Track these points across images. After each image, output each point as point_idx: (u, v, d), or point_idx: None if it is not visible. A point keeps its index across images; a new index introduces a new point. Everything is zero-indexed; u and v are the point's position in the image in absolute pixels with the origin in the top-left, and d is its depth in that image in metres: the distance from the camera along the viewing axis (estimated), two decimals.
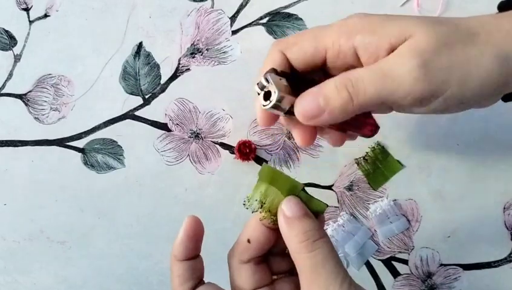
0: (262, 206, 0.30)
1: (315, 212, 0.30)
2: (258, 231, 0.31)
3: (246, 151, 0.45)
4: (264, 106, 0.30)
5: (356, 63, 0.30)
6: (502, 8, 0.34)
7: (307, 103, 0.29)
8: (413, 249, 0.45)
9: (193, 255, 0.31)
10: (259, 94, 0.30)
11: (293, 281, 0.32)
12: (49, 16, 0.47)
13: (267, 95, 0.30)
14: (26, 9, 0.47)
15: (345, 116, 0.29)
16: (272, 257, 0.32)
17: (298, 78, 0.31)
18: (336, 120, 0.30)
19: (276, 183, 0.30)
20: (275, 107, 0.30)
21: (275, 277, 0.33)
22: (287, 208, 0.29)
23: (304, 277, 0.28)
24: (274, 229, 0.30)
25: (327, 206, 0.31)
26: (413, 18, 0.29)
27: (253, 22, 0.46)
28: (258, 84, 0.30)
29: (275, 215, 0.30)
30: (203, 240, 0.31)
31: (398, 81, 0.27)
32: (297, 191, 0.30)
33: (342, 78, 0.29)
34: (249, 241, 0.31)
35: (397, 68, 0.27)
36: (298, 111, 0.30)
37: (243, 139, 0.45)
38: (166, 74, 0.46)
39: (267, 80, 0.29)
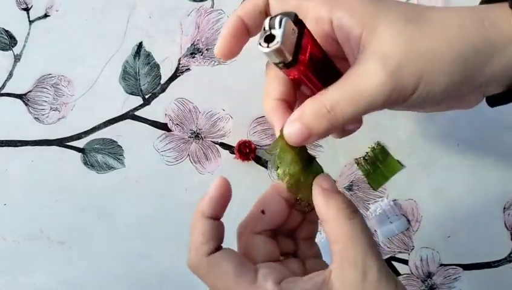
0: (284, 171, 0.30)
1: None
2: (273, 202, 0.31)
3: (246, 151, 0.45)
4: (260, 45, 0.26)
5: (330, 32, 0.30)
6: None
7: (294, 131, 0.29)
8: (413, 249, 0.45)
9: (218, 216, 0.30)
10: (264, 30, 0.26)
11: (299, 261, 0.32)
12: (49, 15, 0.47)
13: (268, 38, 0.26)
14: (26, 9, 0.47)
15: (332, 133, 0.30)
16: (280, 237, 0.33)
17: (309, 36, 0.29)
18: (326, 136, 0.30)
19: (299, 152, 0.30)
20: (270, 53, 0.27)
21: (281, 257, 0.33)
22: (325, 181, 0.30)
23: (339, 244, 0.28)
24: (288, 203, 0.31)
25: None
26: (386, 5, 0.28)
27: None
28: (270, 20, 0.26)
29: (294, 182, 0.30)
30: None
31: (371, 96, 0.27)
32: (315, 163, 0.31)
33: (317, 104, 0.28)
34: (263, 212, 0.31)
35: (368, 84, 0.27)
36: (287, 136, 0.29)
37: (243, 139, 0.45)
38: (166, 74, 0.46)
39: (280, 23, 0.26)
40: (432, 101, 0.29)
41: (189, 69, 0.46)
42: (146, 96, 0.46)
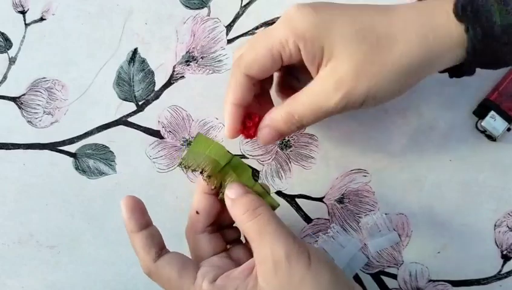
0: (202, 172, 0.35)
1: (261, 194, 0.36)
2: (204, 202, 0.36)
3: (250, 125, 0.38)
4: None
5: (292, 53, 0.35)
6: None
7: (266, 135, 0.37)
8: (402, 263, 0.45)
9: (146, 225, 0.34)
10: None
11: (246, 247, 0.38)
12: (45, 19, 0.47)
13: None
14: (23, 12, 0.47)
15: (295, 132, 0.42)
16: (225, 229, 0.38)
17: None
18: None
19: (211, 151, 0.35)
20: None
21: (228, 246, 0.38)
22: (230, 192, 0.34)
23: (252, 242, 0.32)
24: (217, 198, 0.36)
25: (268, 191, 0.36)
26: (342, 30, 0.33)
27: (249, 31, 0.46)
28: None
29: (216, 179, 0.35)
30: (148, 212, 0.35)
31: (329, 109, 0.34)
32: (227, 157, 0.35)
33: (287, 114, 0.35)
34: (197, 212, 0.36)
35: (327, 103, 0.34)
36: (260, 139, 0.37)
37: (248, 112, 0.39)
38: (160, 80, 0.46)
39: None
40: (378, 104, 0.35)
41: (183, 76, 0.46)
42: (140, 103, 0.46)
